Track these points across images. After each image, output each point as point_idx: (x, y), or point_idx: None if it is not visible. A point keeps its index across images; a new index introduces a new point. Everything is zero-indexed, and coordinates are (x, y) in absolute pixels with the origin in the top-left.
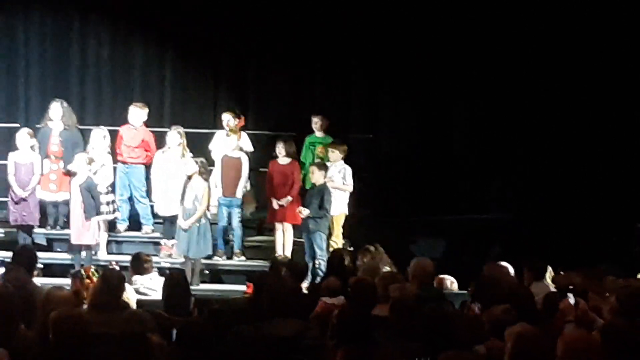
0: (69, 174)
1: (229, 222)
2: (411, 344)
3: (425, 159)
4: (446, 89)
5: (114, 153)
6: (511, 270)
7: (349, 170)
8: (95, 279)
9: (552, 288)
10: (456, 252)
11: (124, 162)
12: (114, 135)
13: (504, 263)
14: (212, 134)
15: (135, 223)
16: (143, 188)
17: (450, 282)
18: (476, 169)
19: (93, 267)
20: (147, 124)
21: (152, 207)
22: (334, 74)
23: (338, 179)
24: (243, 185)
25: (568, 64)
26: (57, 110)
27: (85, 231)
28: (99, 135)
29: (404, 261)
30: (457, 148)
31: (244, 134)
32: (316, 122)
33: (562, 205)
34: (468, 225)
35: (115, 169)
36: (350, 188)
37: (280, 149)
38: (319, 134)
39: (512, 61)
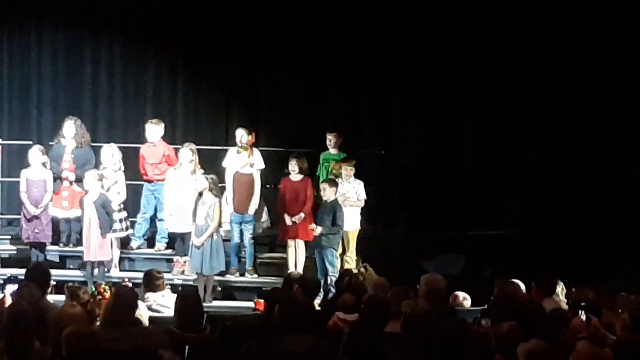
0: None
1: (241, 239)
2: None
3: (436, 175)
4: (457, 105)
5: (135, 172)
6: (522, 287)
7: (361, 184)
8: (107, 295)
9: (564, 304)
10: (468, 268)
11: (149, 181)
12: (126, 152)
13: (515, 280)
14: (224, 150)
15: (152, 240)
16: None
17: (463, 298)
18: (488, 185)
19: (104, 283)
20: (164, 139)
21: None
22: (345, 90)
23: (352, 194)
24: (256, 202)
25: (580, 79)
26: (70, 128)
27: (101, 247)
28: (108, 153)
29: (415, 277)
30: (468, 164)
31: (255, 151)
32: (330, 139)
33: (574, 220)
34: (480, 241)
35: (140, 187)
36: (363, 203)
37: (293, 166)
38: (333, 150)
39: (524, 76)
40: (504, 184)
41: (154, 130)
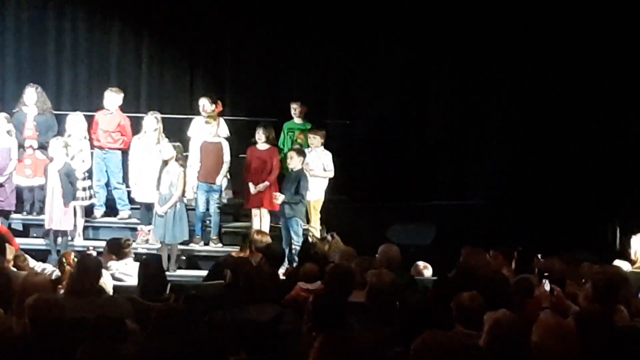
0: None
1: (207, 208)
2: (387, 329)
3: (401, 145)
4: (422, 76)
5: (90, 139)
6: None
7: (329, 156)
8: None
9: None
10: (433, 238)
11: (101, 148)
12: (90, 120)
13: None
14: (188, 119)
15: (112, 209)
16: (120, 174)
17: (423, 267)
18: (452, 156)
19: (73, 253)
20: (122, 109)
21: (129, 192)
22: (311, 60)
23: (317, 165)
24: (225, 171)
25: (543, 51)
26: (31, 95)
27: (64, 216)
28: (74, 121)
29: (379, 247)
30: (433, 134)
31: (221, 120)
32: (295, 108)
33: (537, 191)
34: (444, 211)
35: (92, 154)
36: (331, 174)
37: (260, 135)
38: (297, 120)
39: (488, 48)
40: (469, 155)
41: (113, 98)
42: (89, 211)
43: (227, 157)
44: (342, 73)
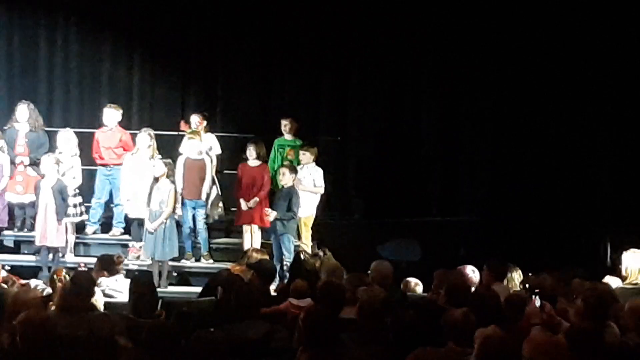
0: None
1: (194, 224)
2: (378, 346)
3: (394, 162)
4: (415, 92)
5: (91, 157)
6: (477, 273)
7: (320, 172)
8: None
9: (515, 289)
10: (423, 254)
11: (105, 165)
12: (82, 137)
13: (469, 266)
14: (180, 136)
15: (107, 225)
16: None
17: (415, 284)
18: (445, 172)
19: (64, 270)
20: (120, 124)
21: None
22: (303, 76)
23: (308, 181)
24: (208, 187)
25: (533, 66)
26: (23, 112)
27: (56, 233)
28: (64, 137)
29: (371, 264)
30: (426, 150)
31: (212, 136)
32: (285, 124)
33: (530, 208)
34: (437, 228)
35: (96, 172)
36: (322, 190)
37: (251, 151)
38: (288, 136)
39: (479, 64)
40: (462, 171)
41: (112, 115)
42: (79, 228)
43: (209, 174)
44: (333, 90)
